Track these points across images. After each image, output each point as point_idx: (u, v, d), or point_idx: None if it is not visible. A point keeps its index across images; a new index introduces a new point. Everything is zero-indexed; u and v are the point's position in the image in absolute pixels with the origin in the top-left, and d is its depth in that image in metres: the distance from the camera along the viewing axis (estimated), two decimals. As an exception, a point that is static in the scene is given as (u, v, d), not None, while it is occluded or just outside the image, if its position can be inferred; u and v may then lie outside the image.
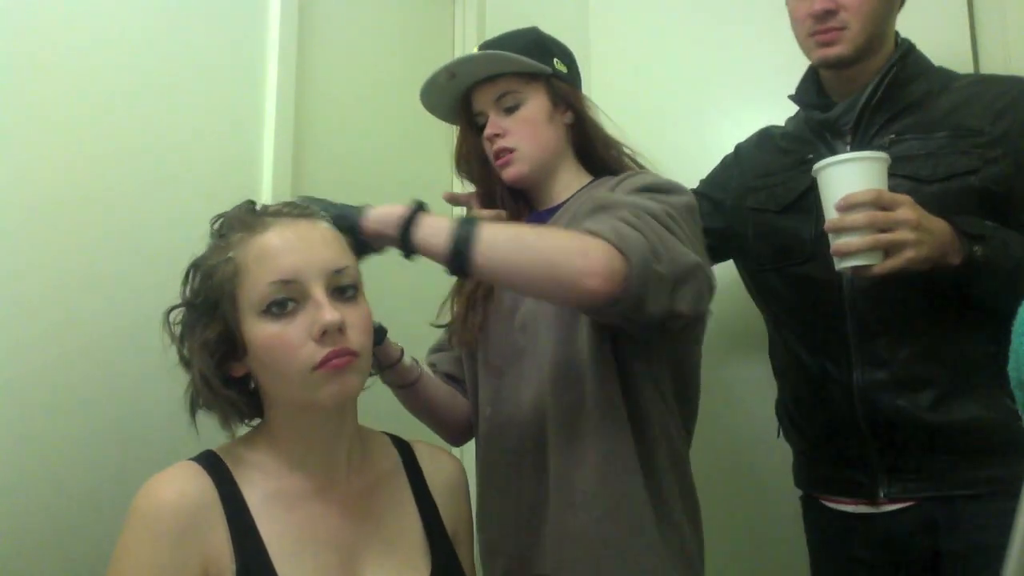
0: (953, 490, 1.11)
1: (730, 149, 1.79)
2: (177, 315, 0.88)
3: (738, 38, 1.81)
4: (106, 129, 1.13)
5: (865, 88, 1.20)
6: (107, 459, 1.08)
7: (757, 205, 1.31)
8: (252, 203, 0.91)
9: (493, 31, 1.86)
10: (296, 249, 0.82)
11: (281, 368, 0.81)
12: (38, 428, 1.02)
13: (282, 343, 0.80)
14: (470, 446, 1.24)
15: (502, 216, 1.16)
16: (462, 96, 1.20)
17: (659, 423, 1.05)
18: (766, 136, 1.40)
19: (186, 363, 0.87)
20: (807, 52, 1.24)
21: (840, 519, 1.22)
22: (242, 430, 0.92)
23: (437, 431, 1.24)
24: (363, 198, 0.95)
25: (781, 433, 1.36)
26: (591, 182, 1.17)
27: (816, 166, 1.06)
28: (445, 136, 1.89)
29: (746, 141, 1.45)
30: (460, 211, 1.36)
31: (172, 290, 0.88)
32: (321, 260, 0.83)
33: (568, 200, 1.16)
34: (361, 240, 0.95)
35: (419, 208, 0.94)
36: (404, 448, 1.00)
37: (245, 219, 0.86)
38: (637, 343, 1.03)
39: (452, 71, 1.15)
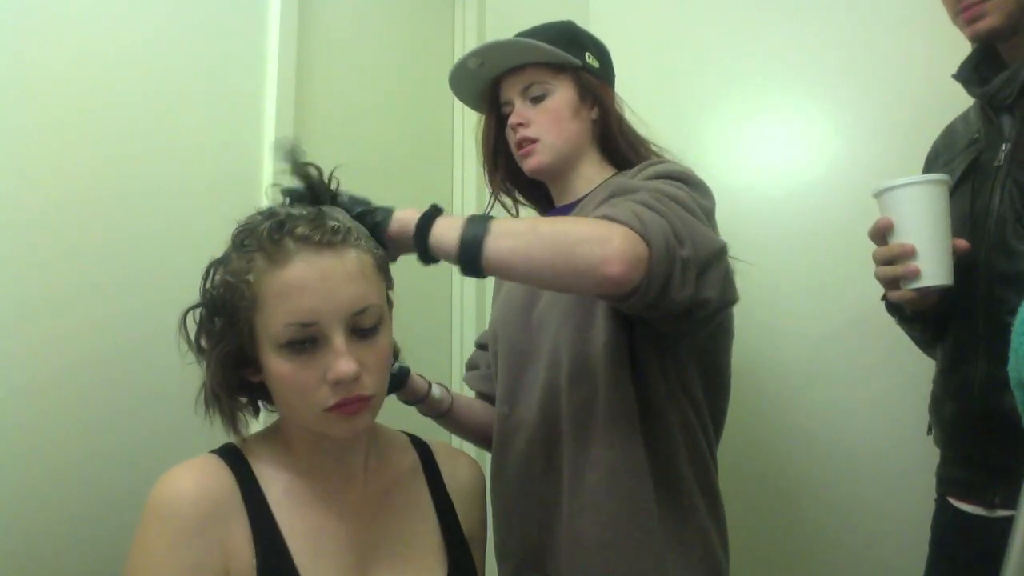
0: None
1: (727, 151, 1.80)
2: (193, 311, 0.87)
3: (739, 40, 1.82)
4: (106, 134, 1.13)
5: None
6: (117, 461, 1.09)
7: None
8: (276, 217, 0.81)
9: (493, 31, 1.86)
10: (317, 290, 0.78)
11: (293, 404, 0.81)
12: (45, 432, 1.03)
13: (295, 383, 0.79)
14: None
15: None
16: (490, 85, 1.19)
17: (680, 422, 1.03)
18: (953, 122, 1.30)
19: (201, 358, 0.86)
20: (962, 31, 1.16)
21: (960, 519, 1.15)
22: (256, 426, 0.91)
23: (484, 448, 1.22)
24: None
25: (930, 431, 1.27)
26: (612, 175, 1.15)
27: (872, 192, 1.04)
28: (446, 136, 1.90)
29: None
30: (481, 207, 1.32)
31: (173, 293, 0.88)
32: (343, 301, 0.79)
33: (588, 194, 1.14)
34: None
35: (436, 211, 0.90)
36: (423, 448, 0.99)
37: (266, 244, 0.79)
38: (659, 337, 1.00)
39: (480, 58, 1.14)
